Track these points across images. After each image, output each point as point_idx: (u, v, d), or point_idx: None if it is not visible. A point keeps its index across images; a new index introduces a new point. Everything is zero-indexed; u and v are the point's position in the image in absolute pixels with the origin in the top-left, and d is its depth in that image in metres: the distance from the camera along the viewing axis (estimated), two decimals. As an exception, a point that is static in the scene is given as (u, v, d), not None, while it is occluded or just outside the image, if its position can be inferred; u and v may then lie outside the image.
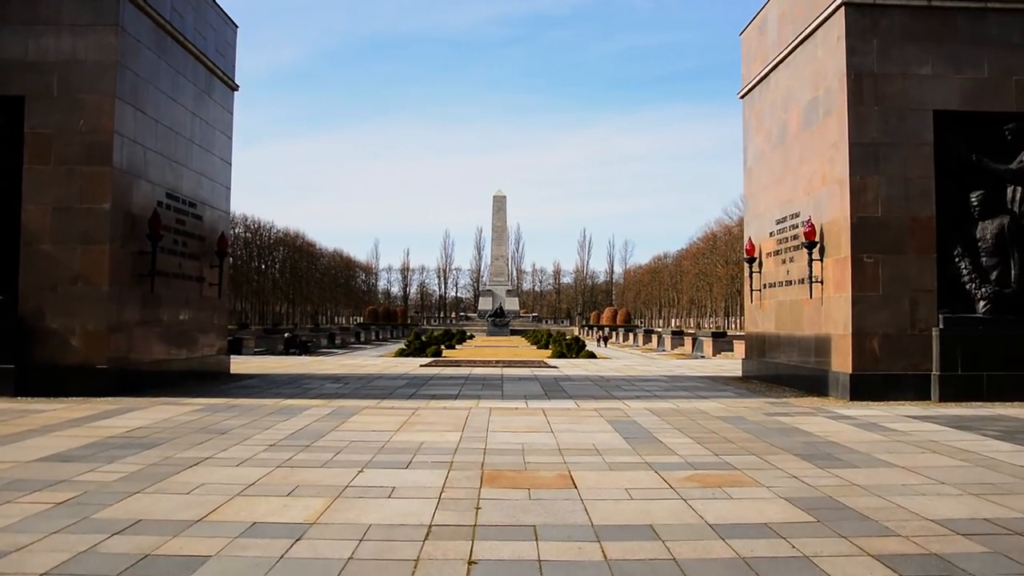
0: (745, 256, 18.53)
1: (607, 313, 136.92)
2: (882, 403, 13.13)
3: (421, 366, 23.33)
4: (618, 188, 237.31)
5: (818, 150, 14.96)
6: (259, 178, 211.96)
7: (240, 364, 23.12)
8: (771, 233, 17.49)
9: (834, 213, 14.22)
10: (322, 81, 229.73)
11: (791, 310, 16.25)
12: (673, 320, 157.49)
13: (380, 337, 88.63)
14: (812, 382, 15.03)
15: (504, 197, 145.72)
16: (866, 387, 13.51)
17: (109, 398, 12.67)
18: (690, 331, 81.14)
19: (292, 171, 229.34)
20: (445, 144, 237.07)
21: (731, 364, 27.36)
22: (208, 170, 17.75)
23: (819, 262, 14.69)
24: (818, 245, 14.66)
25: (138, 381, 14.08)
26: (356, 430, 9.75)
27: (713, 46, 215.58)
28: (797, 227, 15.94)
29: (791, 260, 16.31)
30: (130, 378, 13.85)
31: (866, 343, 13.58)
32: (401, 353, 46.11)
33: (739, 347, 48.02)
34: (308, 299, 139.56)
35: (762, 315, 18.09)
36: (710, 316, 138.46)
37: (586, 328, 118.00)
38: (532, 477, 7.00)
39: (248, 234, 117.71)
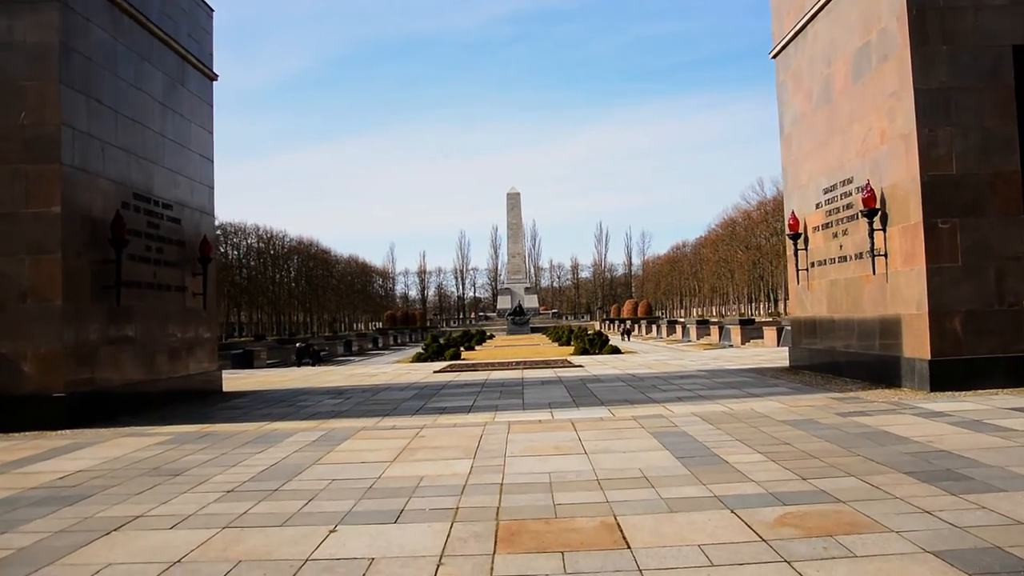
0: (788, 232, 16.52)
1: (627, 305, 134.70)
2: (970, 393, 11.12)
3: (435, 372, 21.49)
4: (632, 181, 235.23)
5: (874, 103, 12.95)
6: (272, 188, 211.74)
7: (240, 380, 21.38)
8: (818, 205, 15.48)
9: (898, 174, 12.21)
10: (332, 88, 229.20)
11: (847, 289, 14.25)
12: (694, 309, 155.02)
13: (399, 342, 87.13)
14: (878, 370, 13.03)
15: (518, 194, 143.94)
16: (948, 375, 11.50)
17: (67, 431, 10.89)
18: (715, 320, 78.86)
19: (305, 180, 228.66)
20: (458, 145, 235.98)
21: (769, 353, 25.31)
22: (185, 168, 15.97)
23: (881, 232, 12.69)
24: (879, 212, 12.66)
25: (108, 408, 12.31)
26: (343, 462, 7.89)
27: (723, 34, 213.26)
28: (851, 194, 13.95)
29: (844, 233, 14.30)
30: (97, 405, 12.07)
31: (946, 323, 11.56)
32: (418, 358, 44.38)
33: (769, 334, 45.99)
34: (325, 307, 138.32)
35: (811, 297, 16.09)
36: (734, 303, 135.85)
37: (607, 322, 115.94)
38: (566, 529, 5.10)
39: (261, 244, 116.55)
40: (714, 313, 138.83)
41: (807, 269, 16.14)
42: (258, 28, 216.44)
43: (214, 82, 17.81)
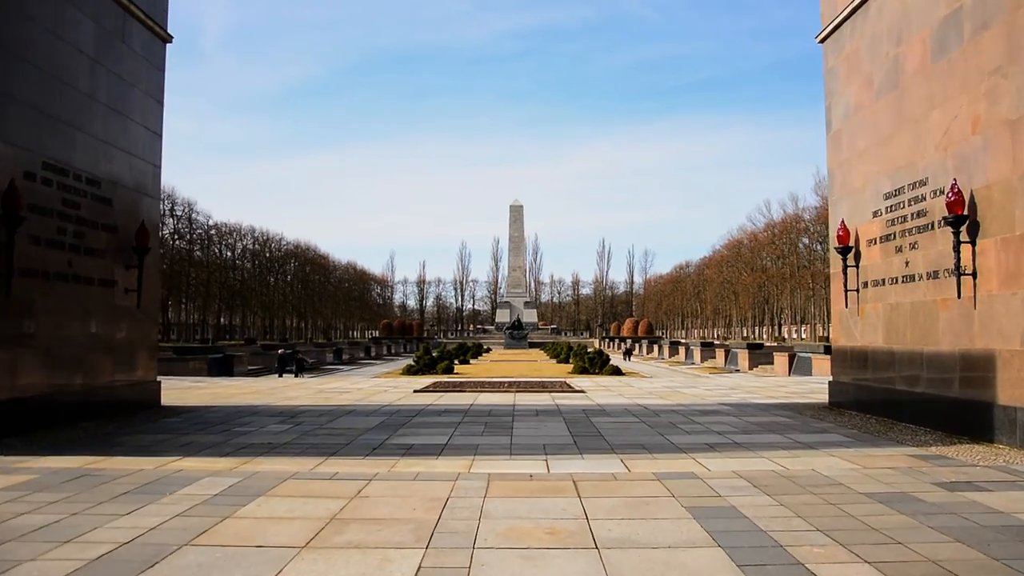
0: (836, 246, 13.89)
1: (628, 324, 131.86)
2: (1094, 456, 8.50)
3: (416, 391, 18.82)
4: (635, 199, 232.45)
5: (964, 84, 10.37)
6: (274, 192, 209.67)
7: (194, 391, 18.75)
8: (876, 213, 12.89)
9: (998, 171, 9.61)
10: (337, 96, 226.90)
11: (914, 315, 11.63)
12: (695, 331, 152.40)
13: (392, 352, 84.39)
14: (956, 418, 10.41)
15: (521, 206, 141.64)
16: (1063, 430, 8.87)
17: (-93, 460, 8.26)
18: (720, 342, 76.15)
19: (307, 185, 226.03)
20: (461, 156, 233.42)
21: (791, 384, 22.65)
22: (122, 139, 13.39)
23: (969, 245, 10.09)
24: (967, 221, 10.07)
25: (-13, 427, 9.69)
26: (228, 545, 5.24)
27: (723, 57, 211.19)
28: (923, 199, 11.36)
29: (913, 247, 11.70)
30: (-32, 424, 9.45)
31: (1061, 364, 8.94)
32: (408, 370, 41.70)
33: (780, 360, 43.23)
34: (320, 313, 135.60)
35: (862, 323, 13.47)
36: (739, 326, 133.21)
37: (607, 340, 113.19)
38: None
39: (256, 246, 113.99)
40: (716, 336, 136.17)
41: (858, 290, 13.53)
42: (266, 33, 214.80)
43: (168, 44, 15.27)
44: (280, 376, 38.85)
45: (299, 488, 7.09)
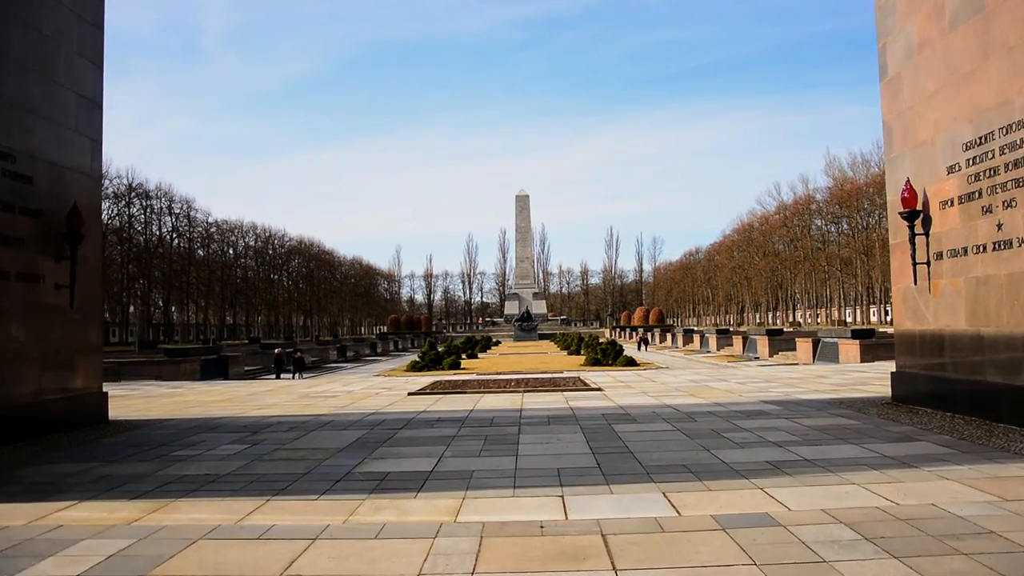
0: (901, 211, 11.58)
1: (638, 313, 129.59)
2: None
3: (411, 394, 16.62)
4: (642, 186, 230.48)
5: (1087, -10, 8.08)
6: (278, 188, 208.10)
7: (159, 400, 16.67)
8: (952, 168, 10.61)
9: None
10: (340, 91, 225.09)
11: (1013, 290, 9.37)
12: (707, 318, 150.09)
13: (399, 347, 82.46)
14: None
15: (527, 196, 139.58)
16: None
17: None
18: (737, 330, 73.85)
19: (311, 181, 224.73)
20: (466, 148, 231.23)
21: (830, 372, 20.36)
22: (45, 106, 11.21)
23: (1098, 198, 7.82)
24: (1095, 166, 7.79)
25: None
26: None
27: (728, 41, 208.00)
28: (1021, 145, 9.09)
29: (1009, 205, 9.42)
30: None
31: None
32: (413, 366, 39.67)
33: (803, 346, 40.79)
34: (326, 310, 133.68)
35: (935, 303, 11.19)
36: (752, 311, 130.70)
37: (617, 329, 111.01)
38: None
39: (259, 243, 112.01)
40: (728, 322, 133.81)
41: (928, 263, 11.26)
42: (268, 29, 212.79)
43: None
44: (277, 377, 36.76)
45: (207, 558, 4.90)
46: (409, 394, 16.53)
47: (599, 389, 16.49)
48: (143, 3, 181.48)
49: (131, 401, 16.60)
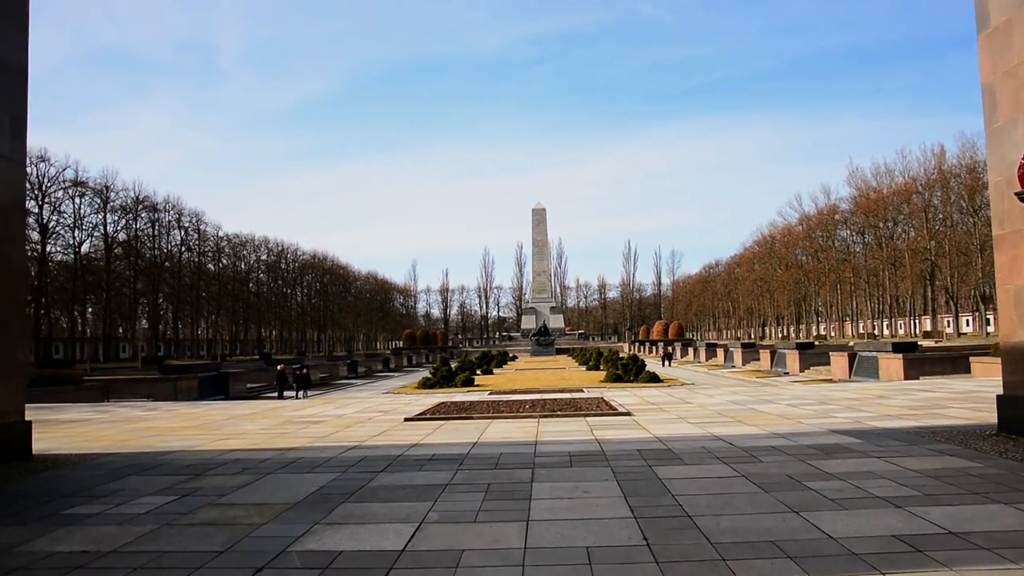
0: (1019, 191, 9.12)
1: (657, 327, 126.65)
2: None
3: (407, 420, 14.23)
4: (657, 201, 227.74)
5: None
6: (296, 206, 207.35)
7: (115, 427, 14.43)
8: (1093, 132, 8.16)
9: None
10: (355, 109, 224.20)
11: None
12: (727, 332, 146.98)
13: (413, 363, 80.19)
14: None
15: (543, 210, 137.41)
16: None
17: None
18: (765, 344, 71.15)
19: (326, 200, 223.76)
20: (482, 164, 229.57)
21: (890, 392, 17.80)
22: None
23: None
24: None
25: None
26: None
27: (739, 56, 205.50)
28: None
29: None
30: None
31: None
32: (425, 383, 37.43)
33: (838, 361, 37.99)
34: (340, 325, 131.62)
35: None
36: (775, 324, 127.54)
37: (636, 343, 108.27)
38: None
39: (271, 258, 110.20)
40: (750, 336, 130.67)
41: (1055, 257, 8.79)
42: (284, 48, 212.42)
43: (34, -55, 10.86)
44: (279, 396, 34.40)
45: None
46: (406, 420, 14.16)
47: (628, 414, 14.06)
48: (161, 25, 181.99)
49: (84, 428, 14.36)
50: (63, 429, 14.25)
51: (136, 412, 18.71)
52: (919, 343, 44.94)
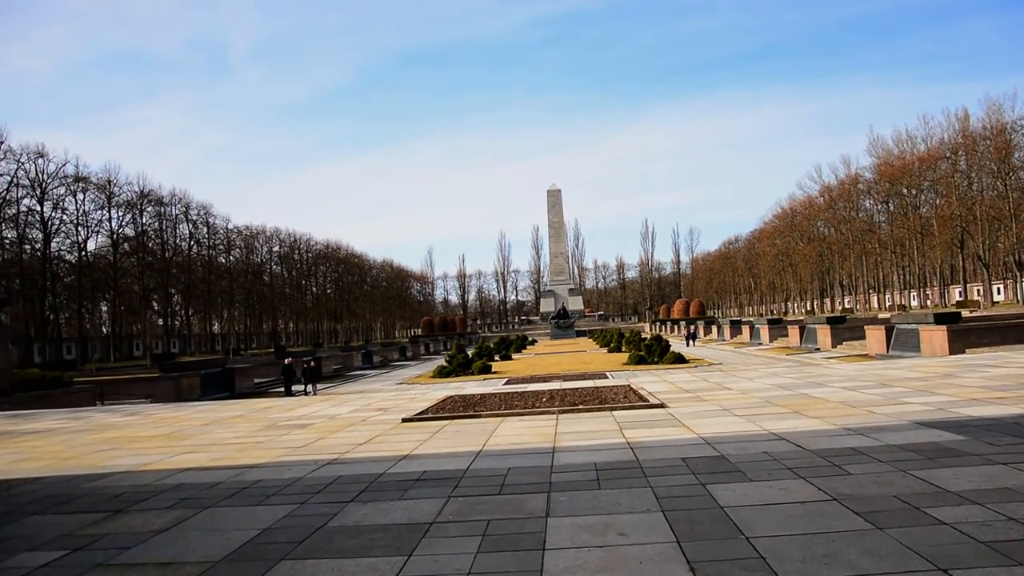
0: None
1: (678, 305, 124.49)
2: None
3: (405, 420, 12.28)
4: (672, 179, 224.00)
5: None
6: (310, 198, 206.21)
7: (77, 439, 12.62)
8: None
9: None
10: (365, 99, 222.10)
11: None
12: (749, 308, 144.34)
13: (431, 350, 78.50)
14: None
15: (559, 191, 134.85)
16: None
17: None
18: (788, 319, 68.92)
19: (341, 189, 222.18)
20: (496, 149, 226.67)
21: (942, 366, 15.67)
22: None
23: None
24: None
25: None
26: None
27: (751, 29, 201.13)
28: None
29: None
30: None
31: None
32: (440, 372, 35.58)
33: (874, 335, 35.41)
34: (356, 315, 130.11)
35: None
36: (798, 299, 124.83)
37: (657, 323, 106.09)
38: None
39: (284, 249, 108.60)
40: (772, 311, 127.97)
41: None
42: (294, 42, 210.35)
43: None
44: (286, 391, 32.54)
45: None
46: (403, 420, 12.22)
47: (661, 405, 12.04)
48: (170, 24, 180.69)
49: (40, 442, 12.57)
50: (14, 444, 12.46)
51: (114, 418, 16.94)
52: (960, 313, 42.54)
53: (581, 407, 12.34)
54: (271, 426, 12.95)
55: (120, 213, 71.67)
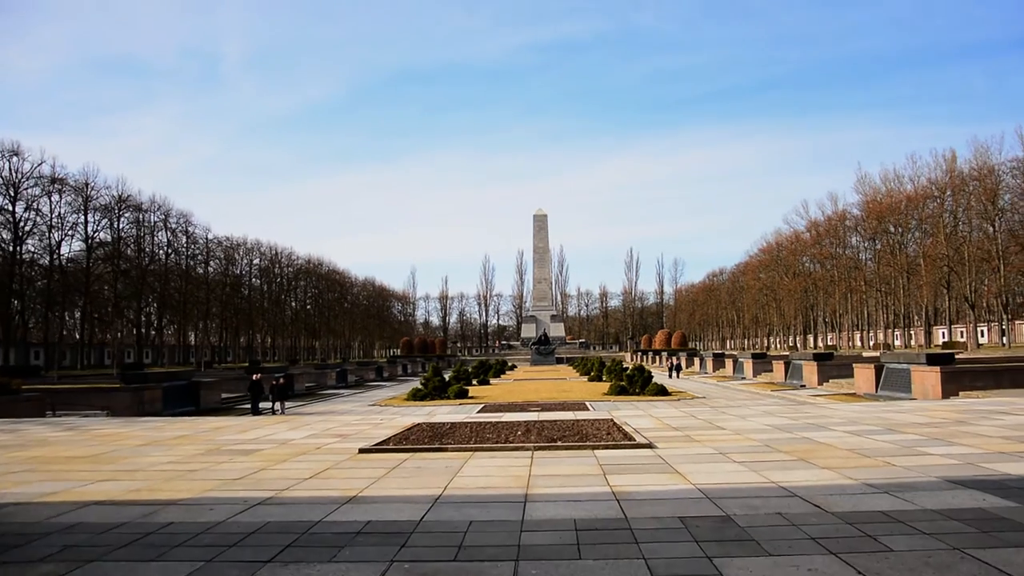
0: None
1: (660, 336, 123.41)
2: None
3: (362, 451, 10.96)
4: (659, 210, 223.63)
5: None
6: (294, 213, 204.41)
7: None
8: None
9: None
10: (356, 115, 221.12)
11: None
12: (731, 341, 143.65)
13: (409, 371, 76.81)
14: None
15: (545, 215, 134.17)
16: None
17: None
18: (772, 353, 67.85)
19: (327, 205, 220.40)
20: (483, 171, 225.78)
21: (947, 410, 14.53)
22: None
23: None
24: None
25: None
26: None
27: (740, 66, 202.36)
28: None
29: None
30: None
31: None
32: (415, 395, 34.18)
33: (863, 373, 34.20)
34: (335, 332, 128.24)
35: None
36: (782, 334, 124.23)
37: (639, 353, 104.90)
38: None
39: (264, 262, 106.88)
40: (755, 345, 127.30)
41: None
42: (286, 55, 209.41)
43: None
44: (253, 408, 30.94)
45: None
46: (360, 451, 10.90)
47: (649, 445, 10.79)
48: (163, 31, 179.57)
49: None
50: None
51: (51, 432, 15.50)
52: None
53: (560, 444, 11.05)
54: (214, 450, 11.59)
55: (97, 217, 69.86)
